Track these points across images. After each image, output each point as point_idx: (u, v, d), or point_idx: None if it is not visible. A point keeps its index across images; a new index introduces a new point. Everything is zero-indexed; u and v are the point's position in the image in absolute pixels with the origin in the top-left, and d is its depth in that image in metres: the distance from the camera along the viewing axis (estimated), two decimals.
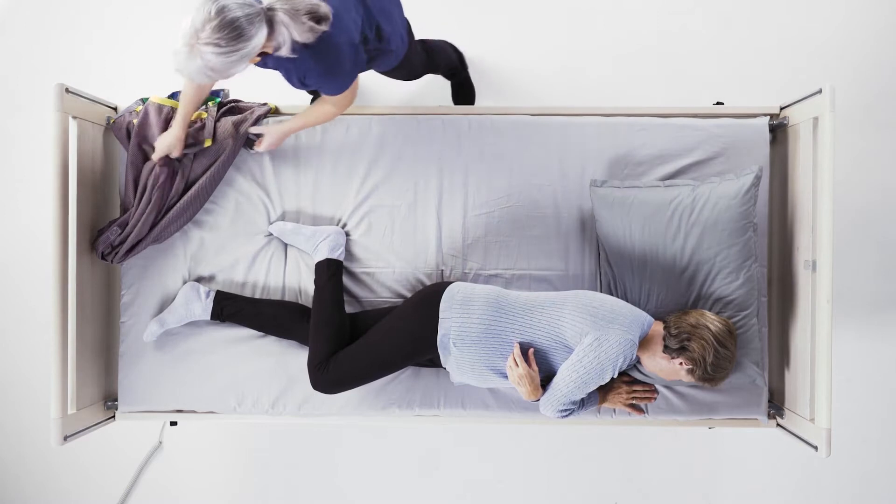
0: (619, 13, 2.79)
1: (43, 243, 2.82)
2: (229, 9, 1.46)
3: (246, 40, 1.48)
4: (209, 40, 1.45)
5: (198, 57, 1.48)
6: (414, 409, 2.19)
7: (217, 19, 1.45)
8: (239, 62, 1.51)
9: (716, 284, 2.04)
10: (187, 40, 1.47)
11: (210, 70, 1.50)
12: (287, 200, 2.23)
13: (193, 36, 1.46)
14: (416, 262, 2.21)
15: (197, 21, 1.45)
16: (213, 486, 2.87)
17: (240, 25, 1.46)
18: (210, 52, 1.47)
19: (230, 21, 1.45)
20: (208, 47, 1.46)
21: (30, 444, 2.88)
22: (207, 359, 2.20)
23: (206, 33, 1.45)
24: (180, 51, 1.49)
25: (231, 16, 1.45)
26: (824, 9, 2.78)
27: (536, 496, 2.84)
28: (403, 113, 2.23)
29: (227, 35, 1.46)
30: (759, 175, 2.04)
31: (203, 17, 1.45)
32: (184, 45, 1.48)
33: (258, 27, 1.50)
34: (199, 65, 1.49)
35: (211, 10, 1.45)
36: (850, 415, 2.79)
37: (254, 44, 1.50)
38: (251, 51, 1.51)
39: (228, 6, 1.46)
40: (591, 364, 1.78)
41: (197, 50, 1.47)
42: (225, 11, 1.45)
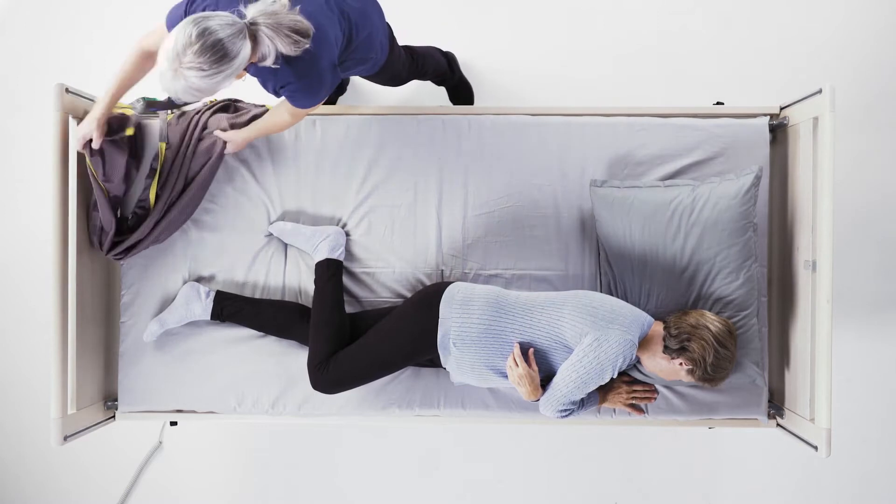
0: (619, 13, 2.79)
1: (43, 243, 2.82)
2: (211, 30, 1.43)
3: (230, 60, 1.46)
4: (192, 64, 1.43)
5: (181, 79, 1.45)
6: (414, 409, 2.19)
7: (198, 42, 1.42)
8: (224, 80, 1.49)
9: (716, 284, 2.04)
10: (170, 63, 1.44)
11: (196, 91, 1.48)
12: (287, 200, 2.23)
13: (176, 60, 1.43)
14: (416, 262, 2.22)
15: (179, 44, 1.42)
16: (213, 486, 2.87)
17: (223, 46, 1.44)
18: (194, 75, 1.45)
19: (212, 44, 1.43)
20: (192, 71, 1.44)
21: (30, 444, 2.88)
22: (207, 359, 2.20)
23: (189, 57, 1.43)
24: (165, 72, 1.46)
25: (213, 38, 1.43)
26: (824, 9, 2.78)
27: (536, 496, 2.84)
28: (403, 113, 2.23)
29: (211, 58, 1.44)
30: (759, 175, 2.04)
31: (184, 40, 1.42)
32: (168, 68, 1.45)
33: (241, 44, 1.47)
34: (183, 86, 1.47)
35: (192, 33, 1.42)
36: (850, 415, 2.79)
37: (238, 61, 1.48)
38: (237, 68, 1.49)
39: (210, 28, 1.43)
40: (591, 364, 1.78)
41: (180, 73, 1.45)
42: (206, 35, 1.42)
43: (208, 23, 1.44)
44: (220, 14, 1.47)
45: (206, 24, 1.43)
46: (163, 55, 1.46)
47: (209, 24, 1.44)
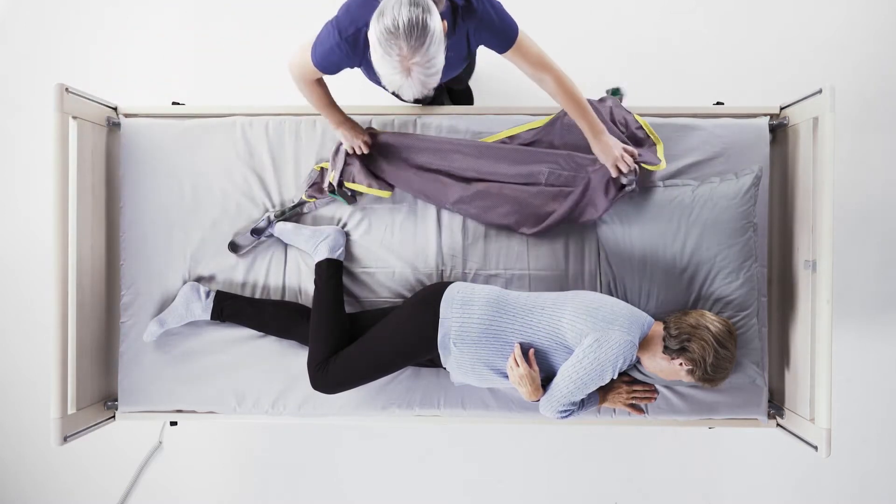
0: (619, 13, 2.79)
1: (43, 243, 2.82)
2: (397, 13, 1.40)
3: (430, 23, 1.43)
4: (413, 48, 1.42)
5: (414, 70, 1.45)
6: (414, 409, 2.19)
7: (399, 29, 1.40)
8: (440, 45, 1.46)
9: (716, 284, 2.04)
10: (397, 69, 1.44)
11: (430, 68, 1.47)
12: (287, 200, 2.22)
13: (397, 61, 1.43)
14: (416, 262, 2.21)
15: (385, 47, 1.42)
16: (213, 486, 2.87)
17: (415, 17, 1.41)
18: (420, 57, 1.43)
19: (406, 21, 1.40)
20: (416, 55, 1.42)
21: (30, 444, 2.88)
22: (207, 359, 2.20)
23: (404, 48, 1.41)
24: (401, 84, 1.47)
25: (403, 17, 1.40)
26: (824, 9, 2.78)
27: (536, 496, 2.84)
28: (403, 113, 2.23)
29: (419, 33, 1.41)
30: (758, 175, 2.04)
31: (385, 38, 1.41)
32: (399, 77, 1.46)
33: (421, 3, 1.43)
34: (419, 75, 1.46)
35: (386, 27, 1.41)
36: (850, 415, 2.79)
37: (433, 16, 1.44)
38: (437, 23, 1.45)
39: (395, 12, 1.41)
40: (591, 365, 1.78)
41: (409, 66, 1.44)
42: (397, 17, 1.40)
43: (385, 10, 1.41)
44: (384, 3, 1.44)
45: (385, 11, 1.41)
46: (384, 69, 1.46)
47: (387, 11, 1.41)
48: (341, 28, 1.62)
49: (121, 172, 2.23)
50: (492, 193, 2.13)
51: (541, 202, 2.14)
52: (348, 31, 1.61)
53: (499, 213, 2.15)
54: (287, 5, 2.84)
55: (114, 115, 2.25)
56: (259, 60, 2.84)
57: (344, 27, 1.61)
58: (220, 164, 2.22)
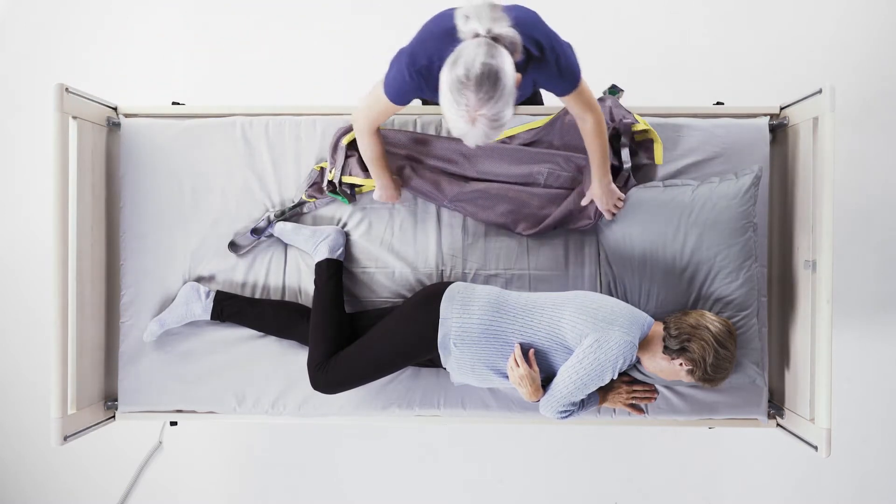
0: (619, 13, 2.79)
1: (43, 243, 2.82)
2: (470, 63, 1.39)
3: (503, 73, 1.42)
4: (481, 100, 1.41)
5: (479, 121, 1.44)
6: (414, 409, 2.19)
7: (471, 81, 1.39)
8: (510, 97, 1.45)
9: (716, 284, 2.04)
10: (463, 119, 1.44)
11: (496, 121, 1.46)
12: (287, 200, 2.23)
13: (464, 110, 1.42)
14: (416, 262, 2.21)
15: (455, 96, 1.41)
16: (213, 486, 2.87)
17: (490, 68, 1.40)
18: (487, 109, 1.42)
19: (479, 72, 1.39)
20: (485, 107, 1.41)
21: (30, 444, 2.88)
22: (207, 359, 2.20)
23: (473, 99, 1.40)
24: (465, 132, 1.46)
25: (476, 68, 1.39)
26: (824, 9, 2.78)
27: (536, 496, 2.84)
28: (403, 113, 2.23)
29: (491, 84, 1.40)
30: (758, 175, 2.04)
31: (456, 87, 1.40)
32: (464, 124, 1.45)
33: (499, 54, 1.42)
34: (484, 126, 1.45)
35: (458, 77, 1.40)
36: (850, 415, 2.79)
37: (509, 69, 1.43)
38: (510, 77, 1.44)
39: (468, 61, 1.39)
40: (591, 366, 1.78)
41: (476, 117, 1.43)
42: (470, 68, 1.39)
43: (459, 59, 1.40)
44: (463, 46, 1.43)
45: (459, 61, 1.40)
46: (451, 118, 1.46)
47: (461, 59, 1.40)
48: (415, 60, 1.60)
49: (121, 172, 2.23)
50: (490, 193, 2.13)
51: (539, 204, 2.15)
52: (421, 63, 1.59)
53: (496, 213, 2.15)
54: (287, 5, 2.84)
55: (114, 115, 2.25)
56: (259, 60, 2.84)
57: (418, 59, 1.60)
58: (220, 164, 2.22)
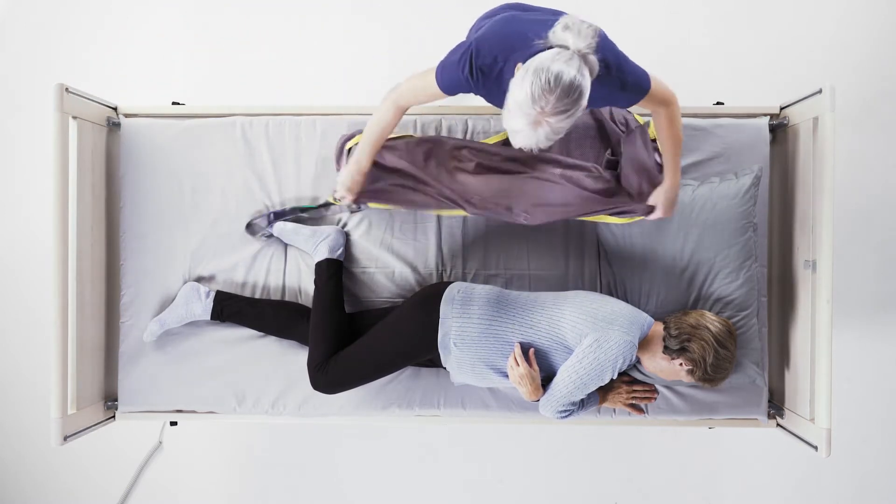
0: (619, 13, 2.79)
1: (43, 243, 2.82)
2: (564, 72, 1.39)
3: (584, 94, 1.43)
4: (556, 109, 1.40)
5: (543, 126, 1.43)
6: (414, 409, 2.19)
7: (559, 88, 1.39)
8: (579, 116, 1.47)
9: (716, 284, 2.04)
10: (529, 118, 1.42)
11: (555, 135, 1.46)
12: (287, 200, 2.23)
13: (535, 112, 1.41)
14: (415, 262, 2.21)
15: (535, 93, 1.39)
16: (213, 486, 2.87)
17: (579, 85, 1.40)
18: (556, 120, 1.42)
19: (568, 84, 1.39)
20: (555, 117, 1.42)
21: (30, 444, 2.88)
22: (207, 359, 2.20)
23: (551, 105, 1.40)
24: (522, 129, 1.45)
25: (567, 78, 1.39)
26: (824, 9, 2.78)
27: (536, 496, 2.84)
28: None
29: (571, 99, 1.41)
30: (758, 175, 2.04)
31: (541, 88, 1.39)
32: (526, 124, 1.43)
33: (586, 75, 1.43)
34: (545, 132, 1.45)
35: (549, 79, 1.38)
36: (850, 415, 2.79)
37: (588, 92, 1.44)
38: (586, 100, 1.45)
39: (562, 70, 1.39)
40: (591, 365, 1.78)
41: (542, 121, 1.43)
42: (562, 77, 1.39)
43: (553, 66, 1.39)
44: (552, 53, 1.43)
45: (553, 67, 1.39)
46: (516, 111, 1.44)
47: (555, 66, 1.39)
48: (479, 55, 1.58)
49: (121, 172, 2.23)
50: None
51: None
52: (485, 60, 1.58)
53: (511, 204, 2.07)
54: (287, 6, 2.84)
55: (114, 115, 2.25)
56: (259, 60, 2.84)
57: (482, 56, 1.58)
58: (220, 164, 2.22)
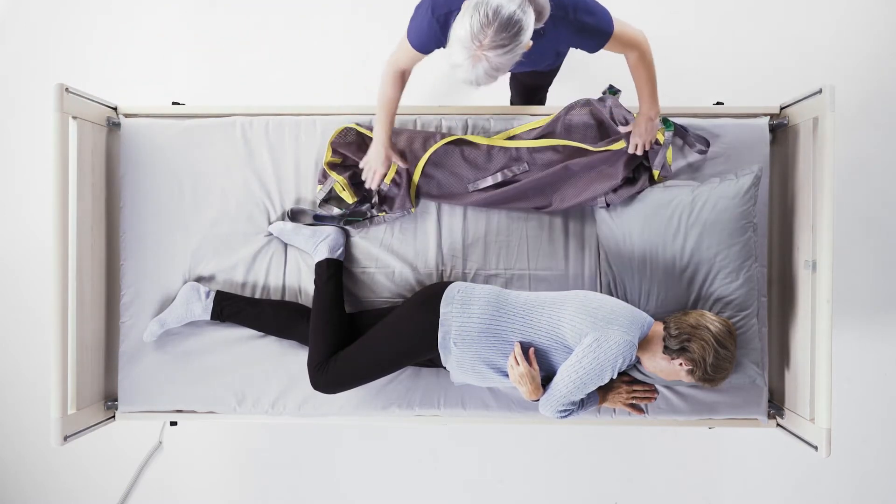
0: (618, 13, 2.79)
1: (43, 243, 2.82)
2: (503, 6, 1.40)
3: (524, 31, 1.44)
4: (494, 43, 1.42)
5: (482, 61, 1.45)
6: (414, 409, 2.19)
7: (496, 21, 1.40)
8: (518, 54, 1.48)
9: (716, 284, 2.04)
10: (469, 52, 1.44)
11: (495, 71, 1.48)
12: (287, 200, 2.23)
13: (473, 45, 1.42)
14: (416, 262, 2.22)
15: (474, 29, 1.41)
16: (213, 486, 2.87)
17: (519, 20, 1.42)
18: (495, 54, 1.44)
19: (507, 18, 1.41)
20: (493, 51, 1.43)
21: (30, 444, 2.88)
22: (207, 359, 2.20)
23: (489, 38, 1.41)
24: (463, 62, 1.46)
25: (506, 12, 1.41)
26: (824, 9, 2.78)
27: (536, 496, 2.84)
28: (403, 113, 2.23)
29: (510, 34, 1.42)
30: (758, 175, 2.04)
31: (478, 24, 1.41)
32: (465, 58, 1.45)
33: (528, 12, 1.45)
34: (484, 68, 1.46)
35: (487, 13, 1.40)
36: (850, 415, 2.79)
37: (529, 31, 1.45)
38: (527, 38, 1.46)
39: (501, 4, 1.40)
40: (591, 365, 1.78)
41: (480, 56, 1.44)
42: (501, 10, 1.40)
43: (493, 1, 1.41)
44: None
45: (493, 2, 1.41)
46: (457, 46, 1.45)
47: (494, 1, 1.41)
48: (435, 7, 1.63)
49: (121, 172, 2.23)
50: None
51: None
52: (441, 10, 1.62)
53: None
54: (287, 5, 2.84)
55: (114, 115, 2.25)
56: (259, 60, 2.84)
57: (438, 7, 1.62)
58: (220, 164, 2.22)
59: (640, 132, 2.01)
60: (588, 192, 2.09)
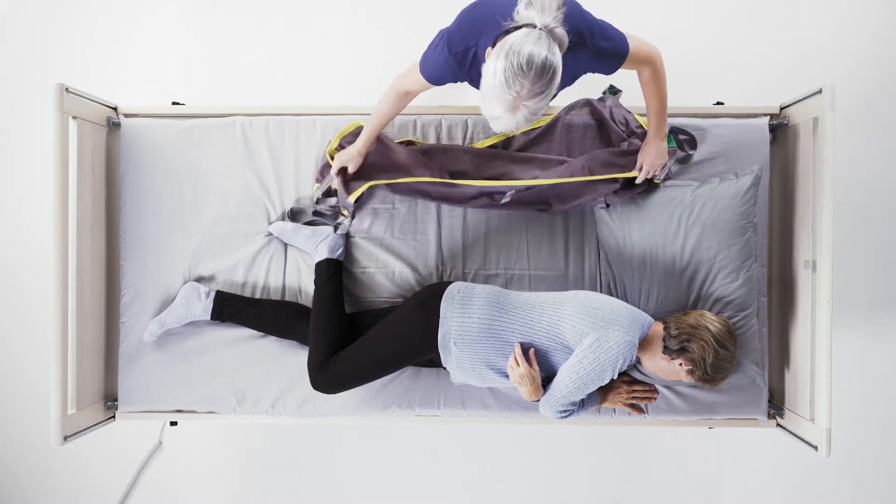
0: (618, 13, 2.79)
1: (43, 243, 2.82)
2: (535, 54, 1.38)
3: (557, 73, 1.42)
4: (532, 93, 1.41)
5: (521, 110, 1.44)
6: (414, 409, 2.19)
7: (531, 71, 1.38)
8: (551, 97, 1.46)
9: (716, 284, 2.04)
10: (506, 104, 1.42)
11: (533, 115, 1.46)
12: (287, 200, 2.23)
13: (509, 96, 1.41)
14: (416, 262, 2.21)
15: (508, 79, 1.39)
16: (213, 486, 2.87)
17: (552, 65, 1.40)
18: (534, 102, 1.43)
19: (541, 66, 1.38)
20: (532, 100, 1.42)
21: (30, 444, 2.88)
22: (207, 359, 2.20)
23: (527, 90, 1.40)
24: (501, 115, 1.45)
25: (539, 60, 1.38)
26: (824, 8, 2.78)
27: (536, 496, 2.84)
28: (403, 113, 2.23)
29: (546, 80, 1.40)
30: (758, 175, 2.04)
31: (513, 73, 1.38)
32: (504, 110, 1.44)
33: (556, 52, 1.42)
34: (524, 115, 1.45)
35: (521, 64, 1.38)
36: (850, 415, 2.79)
37: (560, 69, 1.44)
38: (560, 77, 1.45)
39: (533, 52, 1.38)
40: (591, 365, 1.78)
41: (519, 105, 1.43)
42: (533, 59, 1.38)
43: (524, 49, 1.38)
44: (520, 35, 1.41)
45: (524, 50, 1.38)
46: (492, 99, 1.44)
47: (525, 49, 1.38)
48: (451, 44, 1.60)
49: (121, 172, 2.23)
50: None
51: None
52: (458, 48, 1.59)
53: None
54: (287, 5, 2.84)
55: (114, 115, 2.25)
56: (259, 60, 2.84)
57: (454, 44, 1.59)
58: (220, 164, 2.22)
59: (650, 158, 1.99)
60: (588, 193, 2.09)
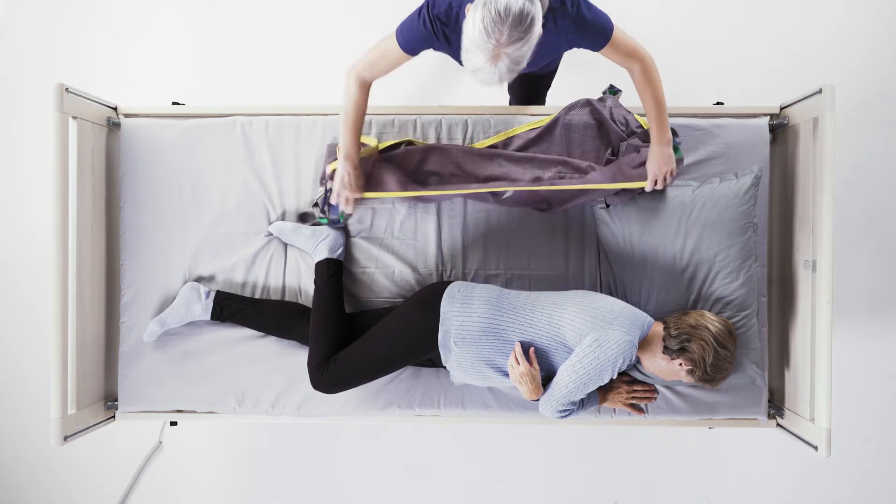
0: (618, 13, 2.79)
1: (43, 243, 2.82)
2: (512, 2, 1.41)
3: (536, 21, 1.44)
4: (511, 39, 1.43)
5: (502, 59, 1.45)
6: (414, 409, 2.19)
7: (509, 18, 1.41)
8: (535, 44, 1.48)
9: (716, 284, 2.04)
10: (486, 52, 1.44)
11: (515, 65, 1.48)
12: (287, 200, 2.23)
13: (490, 45, 1.43)
14: (416, 262, 2.22)
15: (487, 26, 1.41)
16: (213, 486, 2.87)
17: (529, 11, 1.42)
18: (514, 49, 1.44)
19: (518, 12, 1.41)
20: (512, 46, 1.44)
21: (30, 444, 2.89)
22: (207, 359, 2.20)
23: (505, 36, 1.42)
24: (482, 65, 1.46)
25: (516, 7, 1.41)
26: (824, 8, 2.78)
27: (536, 496, 2.84)
28: (403, 113, 2.23)
29: (524, 27, 1.42)
30: (758, 175, 2.04)
31: (491, 20, 1.41)
32: (485, 60, 1.45)
33: (535, 2, 1.45)
34: (505, 64, 1.46)
35: (498, 10, 1.40)
36: (850, 415, 2.79)
37: (540, 19, 1.46)
38: (539, 27, 1.47)
39: (510, 1, 1.41)
40: (591, 365, 1.78)
41: (499, 53, 1.44)
42: (511, 6, 1.41)
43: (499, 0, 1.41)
44: None
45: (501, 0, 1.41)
46: (473, 49, 1.46)
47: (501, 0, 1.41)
48: (433, 6, 1.63)
49: (121, 172, 2.23)
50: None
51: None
52: (440, 9, 1.62)
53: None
54: (287, 5, 2.84)
55: (114, 115, 2.25)
56: (259, 60, 2.84)
57: (436, 5, 1.63)
58: (220, 163, 2.22)
59: (656, 166, 1.94)
60: (588, 193, 2.09)
